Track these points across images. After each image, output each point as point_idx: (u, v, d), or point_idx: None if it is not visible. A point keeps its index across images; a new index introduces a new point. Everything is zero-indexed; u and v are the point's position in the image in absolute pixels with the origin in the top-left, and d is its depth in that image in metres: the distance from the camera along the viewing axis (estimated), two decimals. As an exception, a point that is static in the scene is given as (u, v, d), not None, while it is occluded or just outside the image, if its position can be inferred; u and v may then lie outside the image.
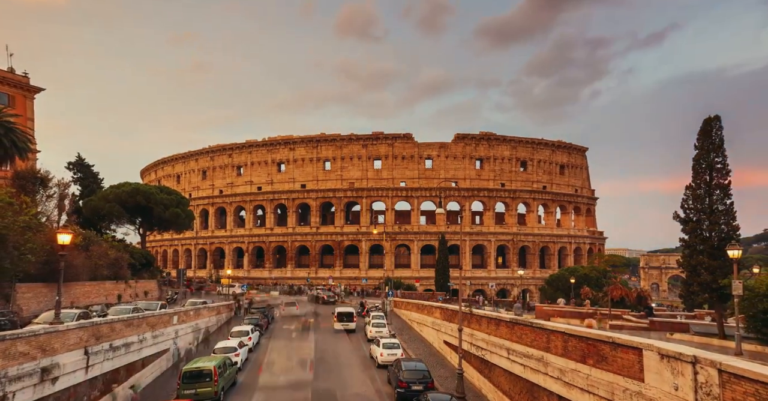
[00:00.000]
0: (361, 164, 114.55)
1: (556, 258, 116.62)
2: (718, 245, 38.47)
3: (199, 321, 43.92)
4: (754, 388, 10.66)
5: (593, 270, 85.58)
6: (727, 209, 39.26)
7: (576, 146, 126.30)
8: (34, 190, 47.80)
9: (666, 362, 13.59)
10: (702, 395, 12.26)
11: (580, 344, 18.40)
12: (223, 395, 27.15)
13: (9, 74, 62.02)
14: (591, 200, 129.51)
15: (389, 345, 35.65)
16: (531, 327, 23.20)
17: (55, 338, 20.29)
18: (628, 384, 15.31)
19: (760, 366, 12.00)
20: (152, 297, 59.99)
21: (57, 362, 20.08)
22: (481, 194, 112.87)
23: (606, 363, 16.64)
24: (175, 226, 77.80)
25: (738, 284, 29.82)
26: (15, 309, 32.12)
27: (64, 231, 25.31)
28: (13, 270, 30.05)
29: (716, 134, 39.91)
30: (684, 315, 58.38)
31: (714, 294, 39.67)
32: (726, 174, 39.51)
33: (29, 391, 18.11)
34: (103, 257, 49.17)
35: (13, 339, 17.61)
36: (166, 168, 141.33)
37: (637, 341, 15.36)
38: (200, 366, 26.74)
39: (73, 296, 41.69)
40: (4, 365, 16.89)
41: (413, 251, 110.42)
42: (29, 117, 61.95)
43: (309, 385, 29.90)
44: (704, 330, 44.12)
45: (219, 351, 33.38)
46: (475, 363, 31.10)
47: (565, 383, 18.94)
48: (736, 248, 30.75)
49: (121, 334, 26.89)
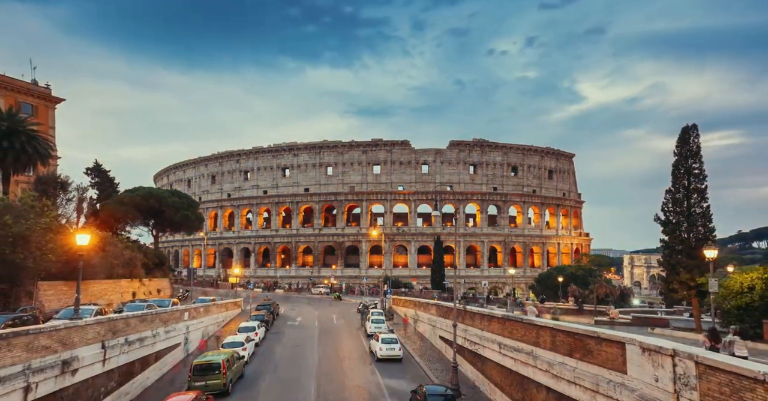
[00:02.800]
0: (361, 169, 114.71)
1: (545, 258, 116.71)
2: (696, 245, 38.70)
3: (208, 317, 43.94)
4: (728, 379, 10.78)
5: (579, 269, 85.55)
6: (703, 212, 39.47)
7: (564, 152, 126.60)
8: (55, 194, 47.85)
9: (647, 355, 13.65)
10: (680, 386, 12.34)
11: (567, 338, 18.42)
12: (232, 387, 27.15)
13: (32, 86, 62.64)
14: (578, 203, 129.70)
15: (388, 340, 35.53)
16: (521, 322, 23.23)
17: (75, 332, 20.35)
18: (611, 376, 15.36)
19: (733, 358, 12.15)
20: (164, 295, 59.90)
21: (76, 355, 20.13)
22: (474, 198, 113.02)
23: (591, 357, 16.66)
24: (185, 228, 77.76)
25: (714, 283, 30.05)
26: (37, 305, 32.13)
27: (82, 233, 25.39)
28: (36, 269, 30.08)
29: (693, 141, 40.16)
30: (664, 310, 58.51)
31: (692, 291, 39.85)
32: (703, 179, 39.75)
33: (51, 382, 18.15)
34: (118, 256, 49.14)
35: (35, 333, 17.69)
36: (178, 173, 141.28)
37: (620, 335, 15.40)
38: (210, 359, 26.73)
39: (91, 293, 41.64)
40: (27, 357, 16.95)
41: (410, 252, 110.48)
42: (50, 126, 62.17)
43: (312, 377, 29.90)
44: (683, 325, 44.30)
45: (227, 345, 33.34)
46: (469, 356, 31.11)
47: (553, 375, 18.95)
48: (712, 249, 31.00)
49: (136, 329, 26.93)
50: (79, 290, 25.70)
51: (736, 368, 10.50)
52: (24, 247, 27.87)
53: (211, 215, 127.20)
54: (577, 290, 70.86)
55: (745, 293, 32.80)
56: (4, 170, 43.29)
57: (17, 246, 27.28)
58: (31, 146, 43.36)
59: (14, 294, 30.30)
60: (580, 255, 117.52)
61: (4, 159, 42.11)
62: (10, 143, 41.75)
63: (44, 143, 45.60)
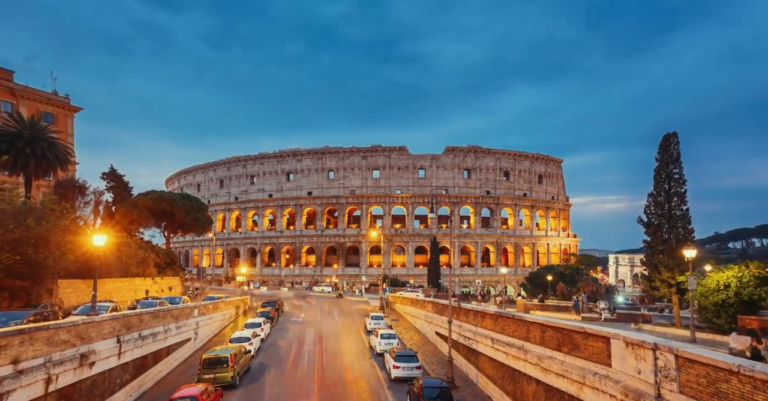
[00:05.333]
0: (362, 173, 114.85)
1: (535, 258, 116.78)
2: (676, 246, 38.82)
3: (217, 314, 43.91)
4: (705, 371, 10.91)
5: (567, 268, 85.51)
6: (683, 214, 39.61)
7: (553, 158, 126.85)
8: (73, 197, 47.81)
9: (630, 349, 13.77)
10: (661, 377, 12.46)
11: (556, 334, 18.49)
12: (239, 379, 27.20)
13: (53, 96, 63.03)
14: (566, 206, 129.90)
15: (386, 336, 35.53)
16: (512, 318, 23.28)
17: (92, 327, 20.41)
18: (597, 368, 15.45)
19: (711, 351, 12.26)
20: (175, 292, 59.79)
21: (93, 349, 20.18)
22: (468, 201, 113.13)
23: (578, 351, 16.74)
24: (195, 229, 77.66)
25: (693, 281, 30.20)
26: (57, 302, 32.13)
27: (99, 234, 25.45)
28: (55, 268, 30.06)
29: (674, 148, 40.33)
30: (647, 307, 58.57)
31: (672, 289, 39.96)
32: (682, 183, 39.90)
33: (70, 374, 18.21)
34: (132, 256, 49.11)
35: (56, 328, 17.75)
36: (188, 177, 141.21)
37: (605, 331, 15.49)
38: (218, 354, 26.79)
39: (107, 291, 41.62)
40: (48, 351, 17.02)
41: (408, 252, 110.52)
42: (69, 133, 62.32)
43: (315, 370, 29.95)
44: (664, 320, 44.38)
45: (235, 340, 33.37)
46: (464, 351, 31.15)
47: (542, 368, 19.03)
48: (691, 249, 31.17)
49: (149, 325, 26.95)
50: (96, 287, 25.78)
51: (713, 361, 10.63)
52: (45, 247, 27.89)
53: (219, 217, 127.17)
54: (565, 288, 70.90)
55: (722, 291, 32.93)
56: (27, 176, 43.31)
57: (39, 247, 27.31)
58: (51, 152, 43.35)
59: (36, 292, 30.31)
60: (568, 255, 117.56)
61: (27, 165, 42.13)
62: (32, 150, 41.79)
63: (63, 149, 45.60)
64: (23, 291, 29.10)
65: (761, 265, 34.05)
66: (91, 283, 28.81)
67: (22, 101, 59.05)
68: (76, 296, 36.71)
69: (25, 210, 29.18)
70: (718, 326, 33.67)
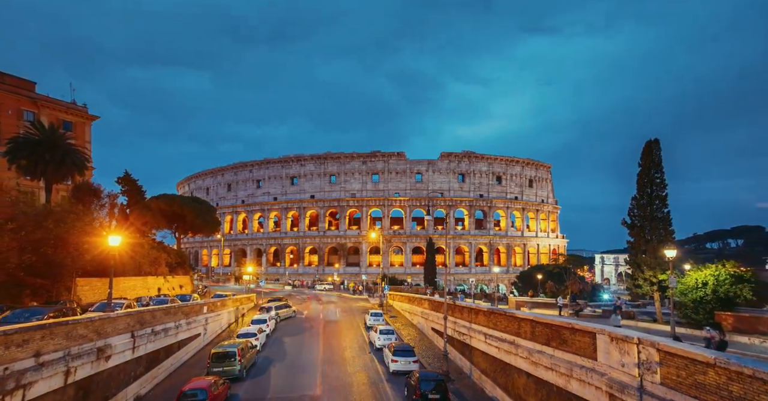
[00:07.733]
0: (362, 177, 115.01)
1: (525, 258, 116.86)
2: (658, 246, 38.94)
3: (225, 311, 43.89)
4: (684, 363, 11.03)
5: (556, 268, 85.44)
6: (664, 217, 39.75)
7: (542, 163, 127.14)
8: (90, 200, 47.85)
9: (615, 343, 13.86)
10: (644, 370, 12.57)
11: (545, 329, 18.55)
12: (246, 372, 27.23)
13: (71, 105, 63.41)
14: (555, 208, 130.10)
15: (385, 331, 35.49)
16: (504, 315, 23.34)
17: (108, 323, 20.47)
18: (584, 362, 15.53)
19: (689, 345, 12.39)
20: (186, 290, 59.74)
21: (109, 343, 20.23)
22: (462, 204, 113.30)
23: (566, 345, 16.81)
24: (204, 230, 77.64)
25: (673, 279, 30.34)
26: (75, 299, 32.13)
27: (114, 235, 25.51)
28: (73, 267, 30.13)
29: (656, 154, 40.47)
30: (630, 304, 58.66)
31: (654, 287, 40.08)
32: (664, 188, 40.02)
33: (88, 367, 18.26)
34: (145, 256, 49.09)
35: (74, 323, 17.82)
36: (198, 181, 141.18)
37: (591, 326, 15.59)
38: (226, 348, 26.82)
39: (121, 289, 41.60)
40: (67, 345, 17.08)
41: (405, 252, 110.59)
42: (86, 140, 62.55)
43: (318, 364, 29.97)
44: (647, 316, 44.45)
45: (242, 336, 33.34)
46: (458, 346, 31.19)
47: (532, 362, 19.08)
48: (672, 249, 31.30)
49: (161, 321, 27.00)
50: (112, 285, 25.79)
51: (691, 354, 10.75)
52: (63, 248, 27.95)
53: (227, 219, 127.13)
54: (554, 286, 70.91)
55: (700, 289, 33.07)
56: (47, 180, 43.36)
57: (58, 247, 27.39)
58: (68, 158, 43.50)
59: (55, 289, 30.35)
60: (557, 255, 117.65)
61: (46, 170, 42.21)
62: (51, 156, 41.90)
63: (80, 155, 45.73)
64: (44, 289, 29.13)
65: (737, 264, 34.18)
66: (107, 281, 28.75)
67: (43, 110, 59.27)
68: (93, 294, 36.70)
69: (45, 212, 29.27)
70: (696, 321, 33.76)
